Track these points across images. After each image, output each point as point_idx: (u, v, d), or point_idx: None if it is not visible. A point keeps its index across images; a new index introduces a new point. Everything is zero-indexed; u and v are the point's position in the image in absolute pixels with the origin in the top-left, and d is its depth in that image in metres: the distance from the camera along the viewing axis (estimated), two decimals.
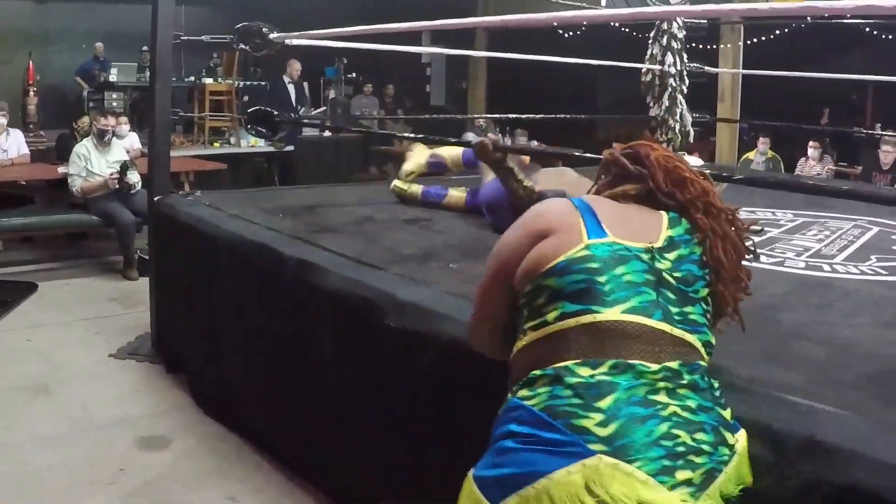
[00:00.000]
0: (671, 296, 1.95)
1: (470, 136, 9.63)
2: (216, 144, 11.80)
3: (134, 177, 7.64)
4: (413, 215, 4.97)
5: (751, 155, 10.76)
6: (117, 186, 7.58)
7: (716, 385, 1.94)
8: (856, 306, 3.33)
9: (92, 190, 7.63)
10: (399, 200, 5.27)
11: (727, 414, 1.89)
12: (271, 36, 4.95)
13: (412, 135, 6.74)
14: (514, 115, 8.81)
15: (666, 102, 8.03)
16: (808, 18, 10.35)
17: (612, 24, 11.55)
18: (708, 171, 2.29)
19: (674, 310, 1.94)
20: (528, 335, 1.95)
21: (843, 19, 10.71)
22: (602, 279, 1.89)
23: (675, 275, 1.99)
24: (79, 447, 4.19)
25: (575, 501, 1.65)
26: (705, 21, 9.34)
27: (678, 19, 7.85)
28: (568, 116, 7.68)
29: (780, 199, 6.04)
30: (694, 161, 8.19)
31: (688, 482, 1.71)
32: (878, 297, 3.52)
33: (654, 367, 1.83)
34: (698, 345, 1.95)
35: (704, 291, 2.04)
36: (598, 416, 1.72)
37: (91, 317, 6.29)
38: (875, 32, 9.64)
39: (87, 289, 7.17)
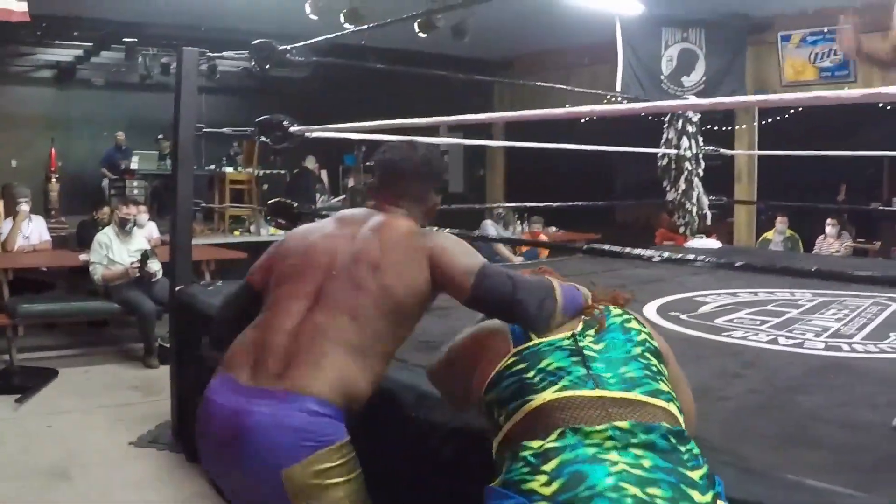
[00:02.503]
0: (600, 365, 2.08)
1: (489, 225, 9.71)
2: (236, 233, 11.89)
3: (155, 265, 7.69)
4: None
5: (769, 235, 10.77)
6: (138, 275, 7.64)
7: (686, 447, 1.91)
8: (875, 386, 3.31)
9: (113, 278, 7.70)
10: None
11: (696, 474, 1.83)
12: (292, 129, 5.03)
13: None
14: (531, 204, 8.85)
15: (682, 186, 8.11)
16: None
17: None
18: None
19: (606, 375, 2.05)
20: (495, 444, 2.10)
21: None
22: (530, 374, 2.08)
23: (599, 346, 2.15)
24: None
25: None
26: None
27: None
28: (585, 204, 7.71)
29: (800, 279, 6.04)
30: (712, 244, 8.27)
31: None
32: None
33: (601, 426, 1.89)
34: (661, 404, 2.00)
35: (637, 350, 2.17)
36: (544, 478, 1.80)
37: (111, 404, 6.31)
38: (889, 108, 9.70)
39: (107, 376, 7.21)
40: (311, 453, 2.26)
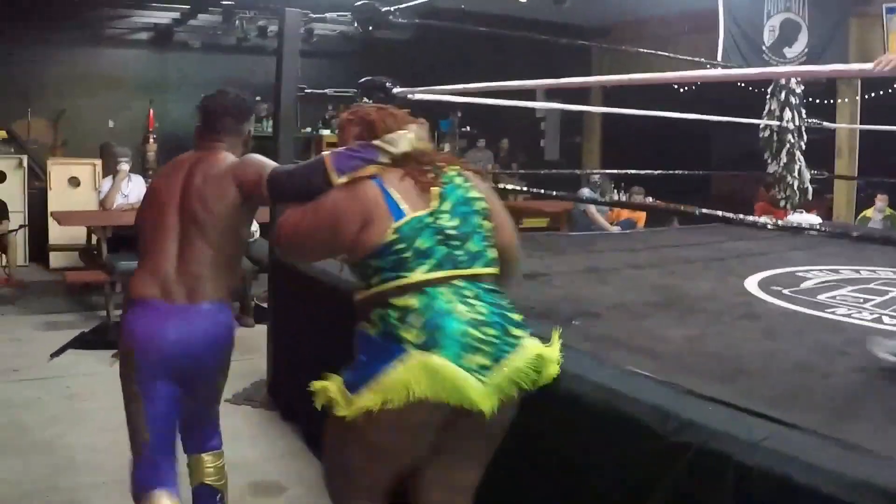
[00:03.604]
0: (455, 243, 2.67)
1: (585, 193, 9.65)
2: None
3: (252, 225, 7.77)
4: (531, 270, 5.01)
5: (868, 213, 10.49)
6: None
7: (508, 300, 2.70)
8: None
9: None
10: None
11: (516, 316, 2.65)
12: (394, 90, 5.04)
13: (524, 188, 6.75)
14: (626, 171, 8.77)
15: (784, 159, 7.95)
16: None
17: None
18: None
19: (459, 253, 2.67)
20: (364, 292, 2.71)
21: None
22: (408, 255, 2.62)
23: (454, 223, 2.70)
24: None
25: (397, 385, 2.42)
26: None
27: None
28: (684, 173, 7.61)
29: None
30: (812, 219, 8.11)
31: (481, 365, 2.48)
32: None
33: (451, 290, 2.60)
34: (492, 271, 2.74)
35: (478, 220, 2.77)
36: (413, 331, 2.51)
37: None
38: None
39: None
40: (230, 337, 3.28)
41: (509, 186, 7.21)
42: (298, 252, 3.18)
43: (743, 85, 9.77)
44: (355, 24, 5.34)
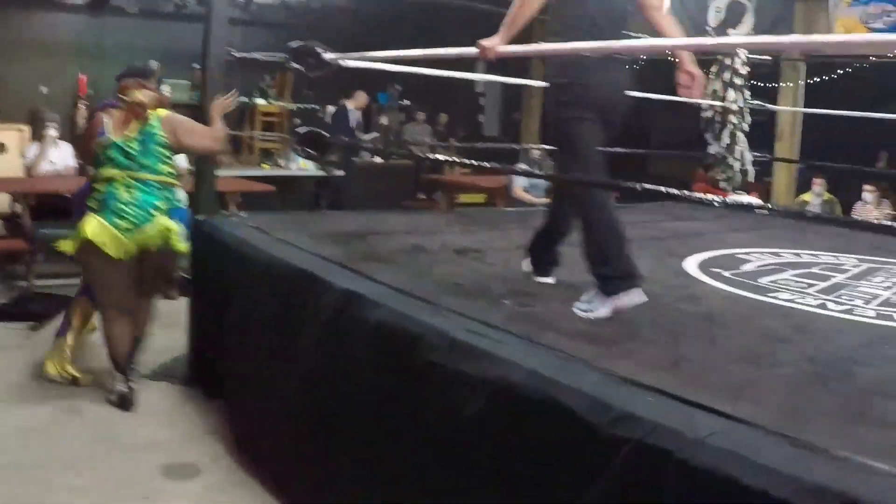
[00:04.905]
0: (133, 156, 4.79)
1: (522, 167, 9.44)
2: (265, 166, 11.69)
3: (180, 193, 7.51)
4: (464, 245, 4.81)
5: (806, 197, 10.44)
6: None
7: (166, 194, 4.91)
8: None
9: None
10: None
11: (161, 204, 4.82)
12: (325, 56, 4.79)
13: (465, 161, 6.57)
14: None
15: (726, 140, 7.84)
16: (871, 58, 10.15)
17: (667, 56, 11.36)
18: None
19: (131, 163, 4.79)
20: (92, 179, 5.00)
21: None
22: (103, 157, 4.82)
23: (138, 148, 4.81)
24: (103, 470, 4.06)
25: (79, 231, 4.67)
26: (770, 58, 9.15)
27: (742, 55, 7.68)
28: (621, 151, 7.46)
29: (844, 243, 5.87)
30: (753, 201, 8.01)
31: (125, 228, 4.69)
32: None
33: (123, 181, 4.75)
34: (157, 178, 4.84)
35: (156, 147, 4.86)
36: (95, 202, 4.78)
37: None
38: None
39: None
40: None
41: (443, 158, 7.00)
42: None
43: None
44: None
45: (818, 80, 11.02)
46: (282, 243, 4.47)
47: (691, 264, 4.82)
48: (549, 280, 4.03)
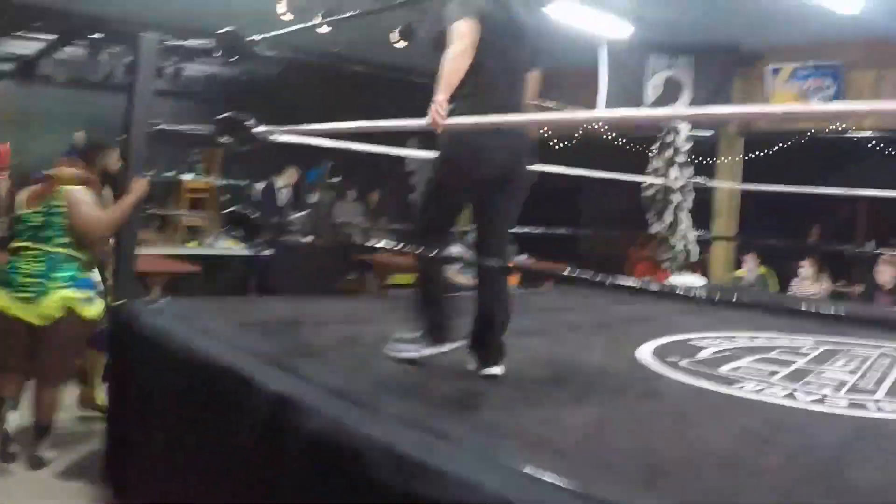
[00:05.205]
0: (37, 228, 4.98)
1: (457, 250, 9.15)
2: (191, 244, 11.32)
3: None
4: (387, 334, 4.40)
5: (741, 272, 10.32)
6: None
7: (71, 264, 4.99)
8: None
9: None
10: None
11: (62, 274, 4.92)
12: (255, 130, 4.46)
13: (395, 246, 6.27)
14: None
15: (669, 219, 7.65)
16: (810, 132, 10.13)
17: (606, 136, 11.26)
18: None
19: (35, 234, 4.96)
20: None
21: (843, 134, 10.51)
22: (18, 228, 5.07)
23: (41, 220, 4.97)
24: None
25: None
26: (710, 133, 9.05)
27: (683, 132, 7.53)
28: (567, 232, 7.27)
29: (797, 322, 5.73)
30: (696, 280, 7.82)
31: (24, 298, 4.85)
32: None
33: (26, 253, 4.94)
34: (58, 250, 4.95)
35: (57, 219, 4.97)
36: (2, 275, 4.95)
37: None
38: (880, 147, 9.39)
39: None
40: None
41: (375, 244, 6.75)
42: None
43: (623, 143, 9.53)
44: (219, 53, 4.81)
45: (755, 155, 10.99)
46: (207, 336, 4.10)
47: (645, 353, 4.54)
48: (497, 370, 3.68)
